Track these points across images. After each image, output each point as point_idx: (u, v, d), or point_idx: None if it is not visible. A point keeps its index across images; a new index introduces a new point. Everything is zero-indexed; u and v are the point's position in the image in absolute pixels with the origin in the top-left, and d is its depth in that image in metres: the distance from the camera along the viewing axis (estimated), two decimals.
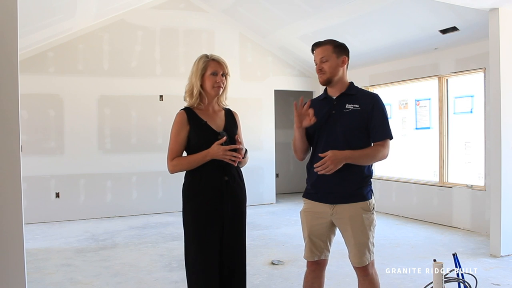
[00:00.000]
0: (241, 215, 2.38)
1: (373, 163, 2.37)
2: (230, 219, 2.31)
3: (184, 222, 2.35)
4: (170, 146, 2.34)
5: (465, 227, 5.73)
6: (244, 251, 2.39)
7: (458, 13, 5.05)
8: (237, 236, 2.35)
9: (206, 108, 2.39)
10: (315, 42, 2.42)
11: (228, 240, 2.31)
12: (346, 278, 3.76)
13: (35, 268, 4.19)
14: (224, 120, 2.43)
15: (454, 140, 6.11)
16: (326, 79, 2.36)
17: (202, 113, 2.37)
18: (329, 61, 2.34)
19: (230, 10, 7.29)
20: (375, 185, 6.82)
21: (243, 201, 2.40)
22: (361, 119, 2.30)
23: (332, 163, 2.21)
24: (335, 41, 2.40)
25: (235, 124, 2.47)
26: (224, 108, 2.50)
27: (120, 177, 6.91)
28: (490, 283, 3.69)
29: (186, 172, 2.36)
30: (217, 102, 2.44)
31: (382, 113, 2.33)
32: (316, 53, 2.38)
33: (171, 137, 2.34)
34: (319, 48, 2.37)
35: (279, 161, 8.56)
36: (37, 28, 5.66)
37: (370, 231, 2.30)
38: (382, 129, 2.32)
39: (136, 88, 6.98)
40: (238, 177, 2.38)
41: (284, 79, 8.11)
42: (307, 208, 2.45)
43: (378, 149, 2.31)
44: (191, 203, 2.30)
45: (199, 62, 2.36)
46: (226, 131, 2.34)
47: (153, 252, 4.79)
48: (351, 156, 2.24)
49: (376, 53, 6.74)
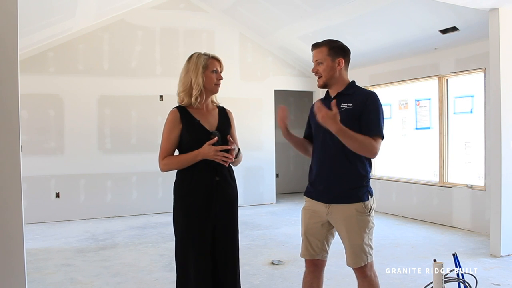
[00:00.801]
0: (233, 215, 2.38)
1: (358, 152, 2.23)
2: (221, 219, 2.31)
3: (175, 221, 2.34)
4: (161, 145, 2.32)
5: (465, 227, 5.73)
6: (237, 249, 2.39)
7: (458, 13, 5.05)
8: (229, 235, 2.35)
9: (201, 106, 2.36)
10: (313, 43, 2.42)
11: (220, 239, 2.31)
12: (346, 278, 3.76)
13: (35, 268, 4.19)
14: (217, 119, 2.40)
15: (454, 140, 6.11)
16: (322, 83, 2.38)
17: (195, 112, 2.34)
18: (324, 64, 2.34)
19: (230, 10, 7.29)
20: (375, 185, 6.83)
21: (234, 201, 2.39)
22: (353, 118, 2.27)
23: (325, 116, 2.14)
24: (332, 42, 2.38)
25: (228, 123, 2.45)
26: (217, 106, 2.47)
27: (120, 177, 6.91)
28: (490, 283, 3.69)
29: (177, 171, 2.35)
30: (211, 100, 2.43)
31: (375, 110, 2.27)
32: (313, 55, 2.40)
33: (163, 135, 2.32)
34: (315, 50, 2.39)
35: (279, 161, 8.57)
36: (37, 28, 5.66)
37: (365, 233, 2.29)
38: (373, 126, 2.25)
39: (136, 88, 6.98)
40: (229, 177, 2.37)
41: (284, 79, 8.11)
42: (307, 206, 2.47)
43: (369, 140, 2.21)
44: (181, 203, 2.29)
45: (198, 60, 2.32)
46: (219, 130, 2.33)
47: (153, 252, 4.79)
48: (343, 129, 2.15)
49: (376, 53, 6.74)
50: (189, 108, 2.34)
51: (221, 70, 2.39)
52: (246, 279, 3.85)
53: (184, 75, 2.34)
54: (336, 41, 2.40)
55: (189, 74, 2.32)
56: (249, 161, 7.58)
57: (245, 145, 7.37)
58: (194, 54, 2.37)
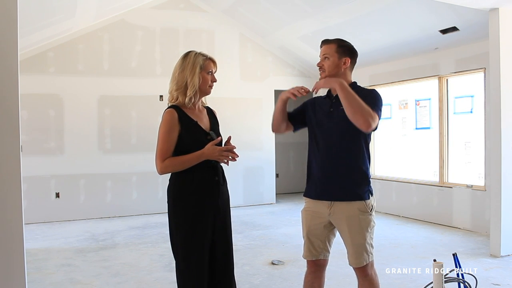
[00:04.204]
0: (229, 213, 2.41)
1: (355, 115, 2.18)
2: (220, 218, 2.32)
3: (174, 223, 2.27)
4: (160, 146, 2.23)
5: (465, 227, 5.73)
6: (232, 247, 2.40)
7: (458, 13, 5.05)
8: (227, 232, 2.37)
9: (193, 107, 2.32)
10: (324, 39, 2.45)
11: (219, 237, 2.32)
12: (346, 278, 3.76)
13: (35, 268, 4.19)
14: (208, 119, 2.40)
15: (454, 140, 6.11)
16: (324, 77, 2.39)
17: (190, 112, 2.31)
18: (330, 59, 2.36)
19: (230, 10, 7.29)
20: (375, 185, 6.82)
21: (229, 200, 2.42)
22: None
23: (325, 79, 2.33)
24: (343, 41, 2.42)
25: (217, 123, 2.46)
26: (204, 106, 2.46)
27: (120, 177, 6.91)
28: (490, 283, 3.69)
29: (173, 173, 2.30)
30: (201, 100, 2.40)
31: (373, 98, 2.28)
32: (321, 50, 2.42)
33: (161, 136, 2.25)
34: (325, 45, 2.41)
35: (279, 161, 8.56)
36: (37, 28, 5.66)
37: (367, 232, 2.30)
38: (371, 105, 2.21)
39: (136, 88, 6.98)
40: (223, 176, 2.39)
41: (284, 79, 8.10)
42: (307, 207, 2.47)
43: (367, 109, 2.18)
44: (183, 203, 2.25)
45: (196, 59, 2.28)
46: (213, 130, 2.34)
47: (153, 252, 4.79)
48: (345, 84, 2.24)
49: (376, 53, 6.74)
50: (184, 108, 2.29)
51: (215, 71, 2.37)
52: (246, 279, 3.85)
53: (179, 73, 2.29)
54: (346, 41, 2.43)
55: (185, 72, 2.27)
56: (249, 161, 7.59)
57: (245, 145, 7.44)
58: (191, 53, 2.32)
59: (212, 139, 2.28)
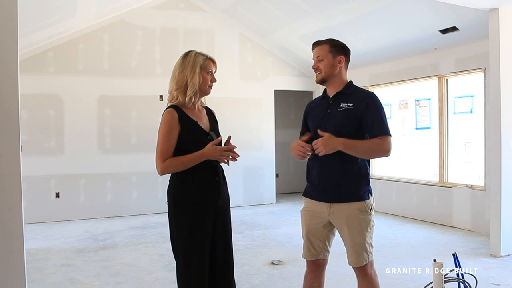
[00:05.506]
0: (229, 212, 2.41)
1: (372, 157, 2.32)
2: (220, 218, 2.32)
3: (174, 224, 2.27)
4: (160, 146, 2.22)
5: (465, 227, 5.73)
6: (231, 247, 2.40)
7: (458, 13, 5.05)
8: (227, 232, 2.37)
9: (193, 106, 2.32)
10: (315, 41, 2.45)
11: (219, 237, 2.32)
12: (346, 278, 3.76)
13: (35, 268, 4.19)
14: (208, 120, 2.40)
15: (454, 140, 6.11)
16: (321, 78, 2.39)
17: (190, 112, 2.30)
18: (325, 60, 2.36)
19: (230, 10, 7.29)
20: (375, 185, 6.83)
21: (229, 200, 2.42)
22: (354, 118, 2.29)
23: (323, 144, 2.21)
24: (334, 40, 2.42)
25: (216, 123, 2.46)
26: (203, 106, 2.45)
27: (120, 177, 6.91)
28: (490, 283, 3.69)
29: (173, 173, 2.29)
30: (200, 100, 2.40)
31: (377, 110, 2.29)
32: (314, 52, 2.42)
33: (161, 136, 2.24)
34: (317, 47, 2.41)
35: (279, 161, 8.56)
36: (37, 28, 5.66)
37: (367, 232, 2.30)
38: (379, 125, 2.27)
39: (136, 88, 6.98)
40: (223, 176, 2.39)
41: (284, 79, 8.11)
42: (306, 207, 2.47)
43: (376, 142, 2.25)
44: (185, 204, 2.25)
45: (196, 59, 2.27)
46: (212, 131, 2.34)
47: (153, 252, 4.79)
48: (346, 143, 2.21)
49: (376, 53, 6.74)
50: (184, 108, 2.29)
51: (215, 71, 2.37)
52: (246, 279, 3.85)
53: (179, 73, 2.28)
54: (337, 40, 2.43)
55: (185, 72, 2.26)
56: (249, 161, 7.59)
57: (245, 145, 7.44)
58: (191, 52, 2.31)
59: (212, 139, 2.28)
